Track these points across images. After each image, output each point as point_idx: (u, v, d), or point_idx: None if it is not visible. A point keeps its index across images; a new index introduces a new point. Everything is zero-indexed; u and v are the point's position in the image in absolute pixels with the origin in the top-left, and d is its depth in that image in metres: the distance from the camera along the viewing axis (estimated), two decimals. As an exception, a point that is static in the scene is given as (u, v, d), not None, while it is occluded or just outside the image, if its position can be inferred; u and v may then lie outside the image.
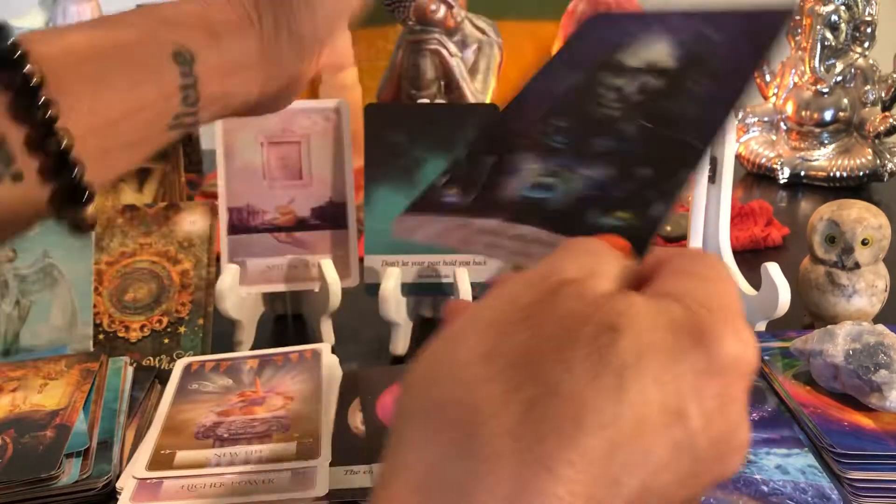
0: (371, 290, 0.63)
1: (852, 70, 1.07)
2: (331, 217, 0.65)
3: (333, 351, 0.58)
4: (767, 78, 1.16)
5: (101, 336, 0.60)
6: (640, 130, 0.32)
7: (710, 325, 0.21)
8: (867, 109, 1.07)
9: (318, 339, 0.64)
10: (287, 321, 0.70)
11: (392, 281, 0.60)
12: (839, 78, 1.07)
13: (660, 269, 0.24)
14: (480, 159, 0.34)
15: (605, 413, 0.19)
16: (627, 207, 0.29)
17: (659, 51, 0.35)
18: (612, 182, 0.30)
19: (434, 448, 0.20)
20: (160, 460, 0.46)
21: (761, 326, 0.60)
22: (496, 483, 0.19)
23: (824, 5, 1.05)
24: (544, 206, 0.30)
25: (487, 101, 0.96)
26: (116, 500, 0.44)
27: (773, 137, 1.15)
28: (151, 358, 0.59)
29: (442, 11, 0.92)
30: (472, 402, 0.20)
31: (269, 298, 0.69)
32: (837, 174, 1.06)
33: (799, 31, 1.10)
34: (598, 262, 0.23)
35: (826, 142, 1.09)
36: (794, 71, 1.12)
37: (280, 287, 0.65)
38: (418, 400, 0.22)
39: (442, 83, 0.94)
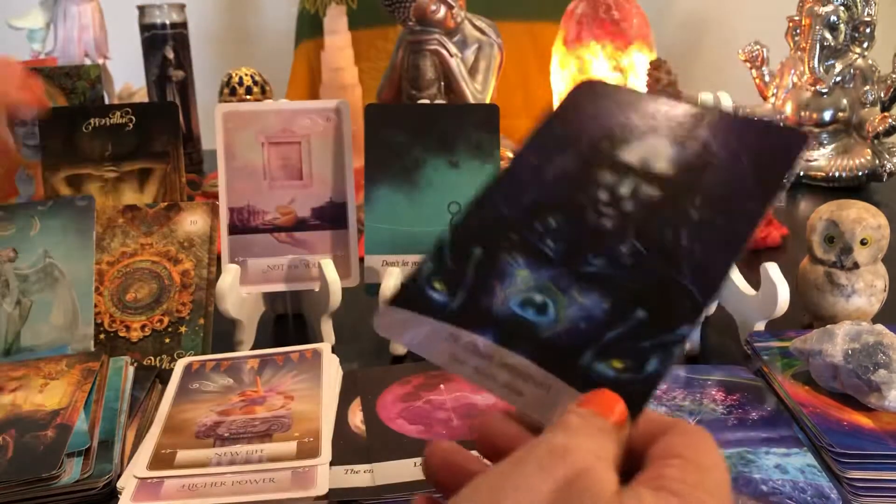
0: (371, 290, 0.63)
1: (851, 70, 1.07)
2: (331, 217, 0.65)
3: (333, 351, 0.58)
4: (767, 78, 1.17)
5: (101, 336, 0.60)
6: (633, 255, 0.30)
7: None
8: (866, 110, 1.07)
9: (319, 339, 0.64)
10: (287, 321, 0.70)
11: (392, 281, 0.61)
12: (838, 78, 1.07)
13: (656, 448, 0.25)
14: (467, 249, 0.32)
15: None
16: (623, 356, 0.28)
17: (656, 149, 0.33)
18: (606, 319, 0.29)
19: None
20: (161, 460, 0.46)
21: (761, 326, 0.60)
22: None
23: (823, 6, 1.05)
24: (536, 332, 0.30)
25: (487, 101, 0.96)
26: (117, 499, 0.44)
27: (773, 138, 1.15)
28: (152, 358, 0.60)
29: (442, 12, 0.92)
30: None
31: (270, 298, 0.69)
32: (836, 174, 1.06)
33: (798, 31, 1.11)
34: (602, 445, 0.24)
35: (825, 142, 1.09)
36: (793, 71, 1.12)
37: (280, 287, 0.65)
38: None
39: (442, 83, 0.94)
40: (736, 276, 0.62)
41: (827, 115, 1.08)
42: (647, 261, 0.30)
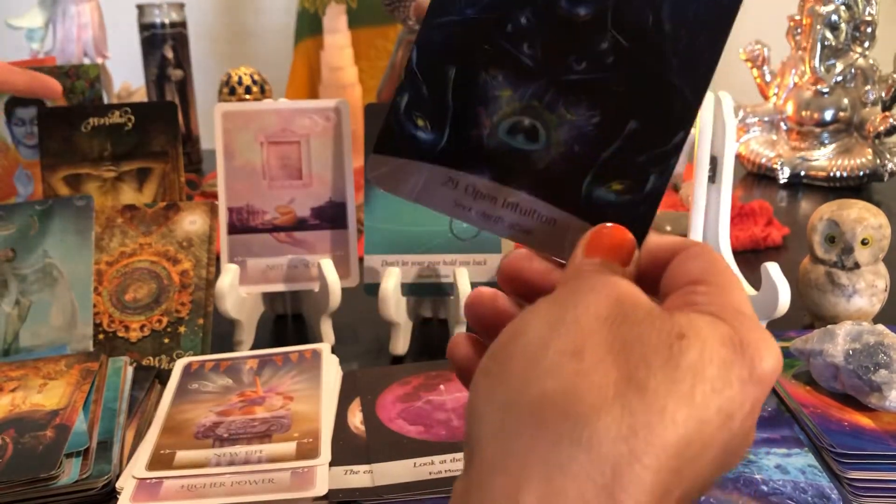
0: (371, 290, 0.63)
1: (852, 70, 1.07)
2: (331, 217, 0.65)
3: (333, 351, 0.58)
4: (768, 78, 1.16)
5: (100, 336, 0.60)
6: (615, 50, 0.28)
7: (751, 340, 0.24)
8: (867, 109, 1.06)
9: (318, 339, 0.64)
10: (287, 321, 0.70)
11: (392, 281, 0.60)
12: (839, 78, 1.07)
13: (673, 274, 0.26)
14: (441, 71, 0.29)
15: (681, 413, 0.22)
16: (621, 177, 0.28)
17: None
18: (599, 135, 0.28)
19: (545, 436, 0.22)
20: (160, 460, 0.46)
21: (761, 326, 0.60)
22: (596, 469, 0.21)
23: (824, 5, 1.05)
24: (532, 162, 0.29)
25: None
26: (116, 500, 0.44)
27: (774, 137, 1.15)
28: (151, 358, 0.59)
29: (442, 11, 0.92)
30: (577, 393, 0.22)
31: (269, 298, 0.69)
32: (837, 174, 1.06)
33: (799, 30, 1.10)
34: (627, 285, 0.25)
35: (826, 142, 1.09)
36: (794, 71, 1.12)
37: (280, 287, 0.65)
38: (515, 393, 0.23)
39: (442, 83, 0.94)
40: (736, 275, 0.62)
41: (828, 115, 1.08)
42: (631, 57, 0.28)
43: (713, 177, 0.63)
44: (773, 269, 0.58)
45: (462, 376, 0.29)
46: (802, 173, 1.09)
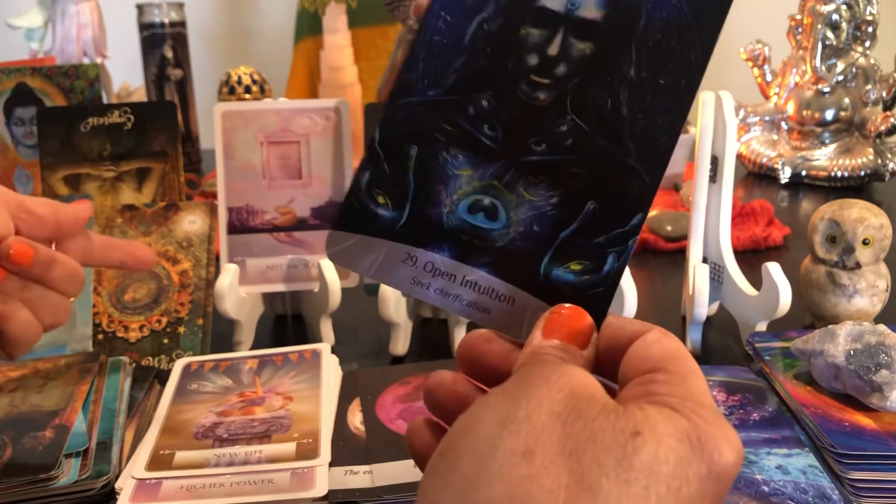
0: (371, 290, 0.63)
1: (853, 69, 1.07)
2: (330, 217, 0.65)
3: (333, 351, 0.58)
4: (768, 77, 1.16)
5: (100, 336, 0.60)
6: (574, 133, 0.28)
7: (710, 434, 0.23)
8: (868, 109, 1.06)
9: (318, 340, 0.64)
10: (287, 321, 0.70)
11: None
12: (840, 77, 1.07)
13: (631, 362, 0.26)
14: (401, 149, 0.30)
15: None
16: (580, 257, 0.28)
17: None
18: (558, 215, 0.28)
19: None
20: (159, 461, 0.46)
21: (762, 326, 0.59)
22: None
23: (825, 4, 1.05)
24: (491, 240, 0.29)
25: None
26: (115, 500, 0.44)
27: (775, 137, 1.15)
28: (151, 358, 0.59)
29: (442, 11, 0.92)
30: (526, 499, 0.22)
31: (269, 298, 0.69)
32: (838, 174, 1.05)
33: (800, 30, 1.10)
34: (583, 376, 0.25)
35: (827, 141, 1.09)
36: (795, 70, 1.12)
37: (279, 287, 0.65)
38: (463, 497, 0.23)
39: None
40: (737, 276, 0.62)
41: (829, 115, 1.08)
42: (589, 140, 0.28)
43: (714, 176, 0.62)
44: (773, 269, 0.57)
45: (420, 464, 0.29)
46: (803, 173, 1.09)
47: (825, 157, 1.08)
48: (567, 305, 0.27)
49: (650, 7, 0.28)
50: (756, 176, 1.14)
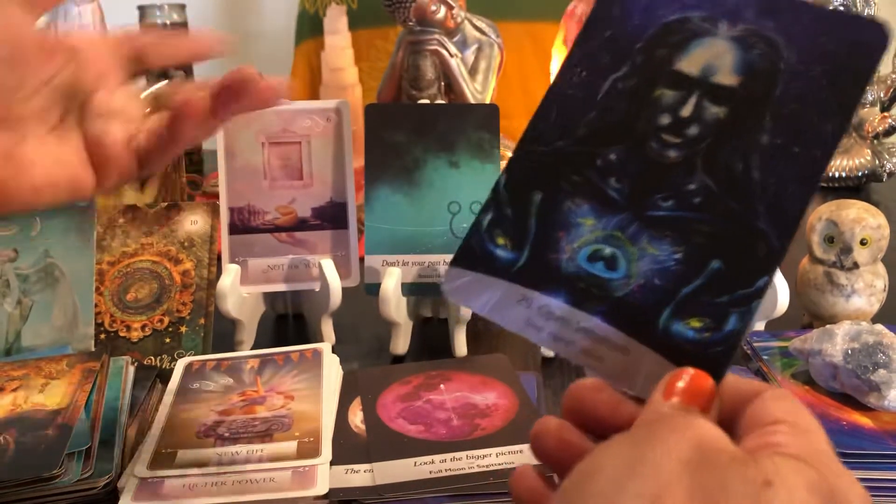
0: (371, 289, 0.63)
1: (852, 70, 1.07)
2: (331, 217, 0.65)
3: (334, 351, 0.58)
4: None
5: (102, 336, 0.60)
6: (702, 193, 0.28)
7: (840, 487, 0.23)
8: (866, 110, 1.07)
9: (319, 339, 0.64)
10: (288, 321, 0.71)
11: (392, 281, 0.61)
12: (838, 78, 1.07)
13: (752, 415, 0.25)
14: (526, 195, 0.30)
15: None
16: (701, 314, 0.27)
17: (717, 53, 0.29)
18: (680, 271, 0.28)
19: None
20: (161, 459, 0.46)
21: (760, 326, 0.60)
22: None
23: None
24: (609, 290, 0.28)
25: (487, 101, 0.96)
26: (118, 499, 0.44)
27: (773, 138, 1.15)
28: (153, 357, 0.60)
29: (442, 12, 0.92)
30: None
31: (270, 298, 0.69)
32: (836, 174, 1.06)
33: (798, 31, 1.11)
34: (710, 427, 0.25)
35: (825, 142, 1.09)
36: (793, 71, 1.12)
37: (280, 287, 0.65)
38: None
39: (442, 83, 0.94)
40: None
41: (827, 116, 1.08)
42: (718, 200, 0.28)
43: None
44: (772, 269, 0.58)
45: None
46: (802, 174, 1.09)
47: (824, 158, 1.08)
48: (690, 369, 0.26)
49: (787, 78, 0.28)
50: (755, 177, 1.14)
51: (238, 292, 0.63)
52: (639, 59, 0.30)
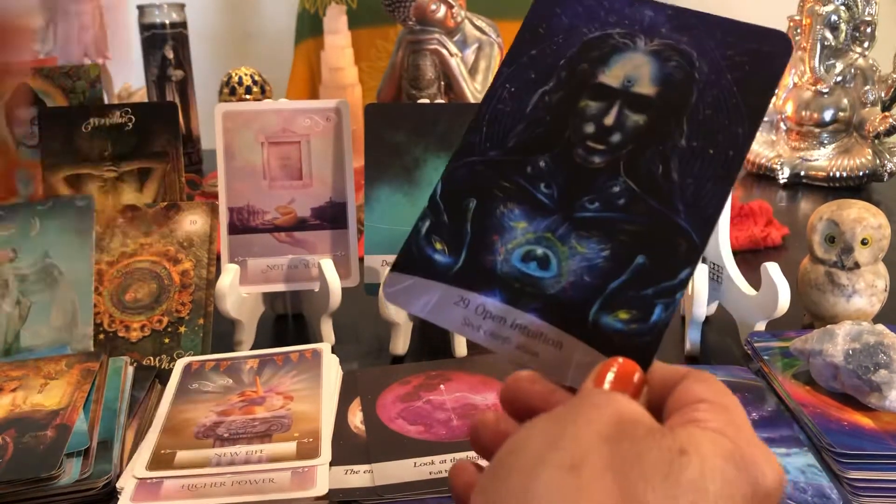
0: (371, 289, 0.63)
1: (852, 70, 1.07)
2: (331, 217, 0.65)
3: (333, 351, 0.58)
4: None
5: (101, 336, 0.60)
6: (626, 194, 0.30)
7: (753, 456, 0.24)
8: (867, 109, 1.07)
9: (319, 339, 0.64)
10: (287, 321, 0.70)
11: (392, 281, 0.60)
12: (839, 78, 1.07)
13: (676, 396, 0.26)
14: (462, 202, 0.32)
15: None
16: (628, 307, 0.29)
17: (637, 67, 0.32)
18: (608, 267, 0.30)
19: None
20: (160, 460, 0.46)
21: (761, 326, 0.60)
22: None
23: (824, 5, 1.05)
24: (542, 288, 0.30)
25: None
26: (117, 499, 0.44)
27: (773, 137, 1.15)
28: (152, 358, 0.60)
29: (442, 11, 0.92)
30: None
31: (270, 298, 0.69)
32: (837, 174, 1.06)
33: (799, 31, 1.10)
34: (630, 403, 0.26)
35: (826, 142, 1.09)
36: (793, 71, 1.12)
37: (280, 287, 0.65)
38: None
39: (442, 83, 0.94)
40: (736, 276, 0.62)
41: (827, 115, 1.08)
42: (641, 200, 0.30)
43: (713, 177, 0.63)
44: (772, 269, 0.58)
45: (460, 502, 0.29)
46: (802, 173, 1.09)
47: (824, 158, 1.08)
48: (619, 358, 0.28)
49: (701, 87, 0.30)
50: (755, 176, 1.14)
51: (237, 292, 0.63)
52: (564, 74, 0.32)
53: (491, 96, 0.33)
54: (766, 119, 1.15)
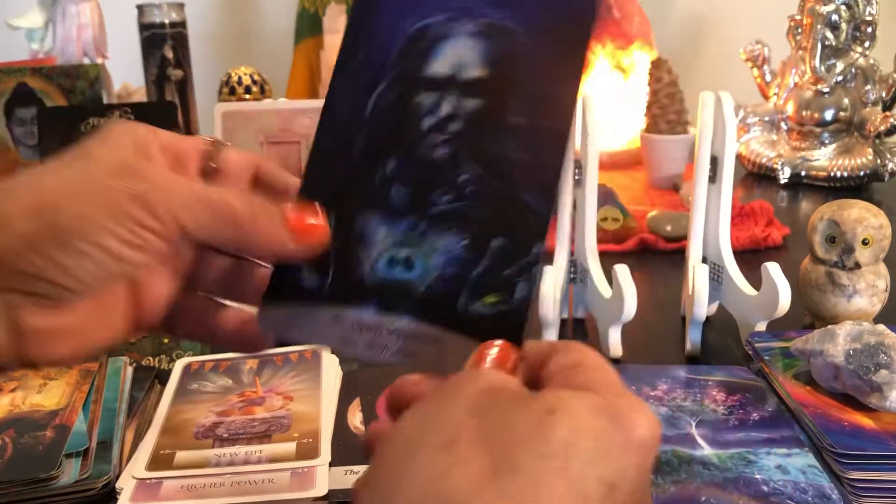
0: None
1: (853, 70, 1.07)
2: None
3: (333, 351, 0.58)
4: (768, 77, 1.16)
5: (100, 336, 0.60)
6: (473, 181, 0.31)
7: (622, 407, 0.24)
8: (868, 109, 1.07)
9: (318, 339, 0.64)
10: (287, 321, 0.70)
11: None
12: (840, 78, 1.07)
13: (550, 366, 0.27)
14: None
15: (557, 489, 0.22)
16: (493, 290, 0.30)
17: (463, 52, 0.32)
18: (468, 256, 0.30)
19: None
20: (160, 460, 0.46)
21: (761, 326, 0.59)
22: None
23: (825, 5, 1.05)
24: (412, 289, 0.31)
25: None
26: (116, 500, 0.44)
27: (774, 137, 1.15)
28: (151, 358, 0.59)
29: (442, 11, 0.92)
30: (450, 485, 0.22)
31: (269, 298, 0.69)
32: (838, 174, 1.06)
33: (799, 30, 1.10)
34: (499, 373, 0.27)
35: (826, 142, 1.09)
36: (794, 71, 1.12)
37: (280, 287, 0.65)
38: (392, 497, 0.23)
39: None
40: (737, 276, 0.62)
41: (828, 115, 1.08)
42: (486, 184, 0.31)
43: (713, 177, 0.62)
44: (773, 269, 0.58)
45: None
46: (803, 173, 1.09)
47: (824, 158, 1.08)
48: (493, 341, 0.29)
49: (525, 60, 0.31)
50: (755, 176, 1.14)
51: (237, 292, 0.62)
52: (394, 73, 0.32)
53: (329, 107, 0.32)
54: (766, 119, 1.15)
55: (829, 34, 1.06)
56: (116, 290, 0.31)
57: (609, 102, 1.18)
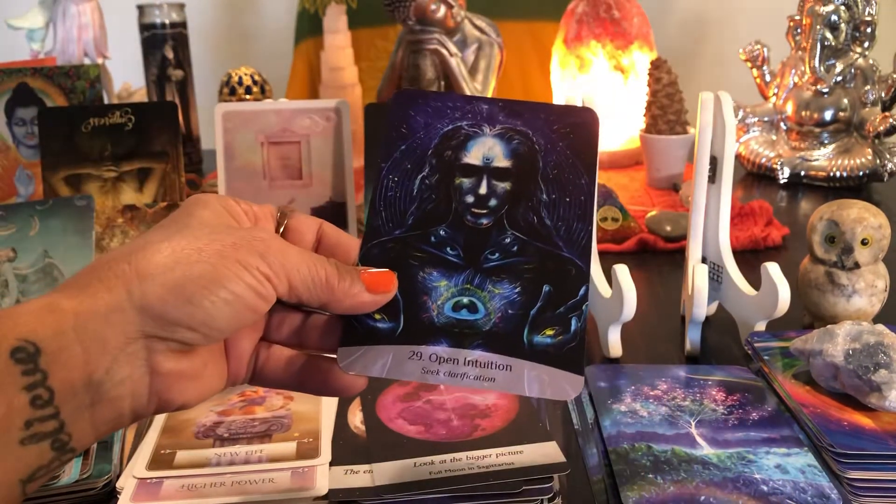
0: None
1: (852, 70, 1.07)
2: (331, 217, 0.65)
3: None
4: (767, 78, 1.17)
5: (101, 336, 0.60)
6: (516, 243, 0.37)
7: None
8: (867, 109, 1.07)
9: (318, 339, 0.64)
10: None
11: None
12: (839, 78, 1.07)
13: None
14: None
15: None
16: (551, 325, 0.36)
17: (489, 147, 0.39)
18: (524, 300, 0.36)
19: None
20: (160, 460, 0.46)
21: (761, 326, 0.60)
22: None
23: (824, 5, 1.05)
24: (478, 327, 0.36)
25: (487, 101, 0.96)
26: (116, 499, 0.44)
27: (773, 137, 1.15)
28: (151, 358, 0.59)
29: (442, 11, 0.92)
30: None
31: (269, 298, 0.69)
32: (837, 174, 1.06)
33: (799, 31, 1.11)
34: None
35: (826, 142, 1.09)
36: (793, 71, 1.12)
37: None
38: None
39: (442, 82, 0.94)
40: (736, 276, 0.62)
41: (828, 115, 1.08)
42: (529, 245, 0.37)
43: (713, 177, 0.63)
44: (772, 268, 0.58)
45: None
46: (802, 173, 1.09)
47: (824, 158, 1.08)
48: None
49: (543, 155, 0.39)
50: (755, 176, 1.14)
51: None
52: (434, 161, 0.39)
53: (380, 186, 0.39)
54: (766, 119, 1.15)
55: (828, 34, 1.06)
56: (221, 342, 0.35)
57: (609, 102, 1.18)
